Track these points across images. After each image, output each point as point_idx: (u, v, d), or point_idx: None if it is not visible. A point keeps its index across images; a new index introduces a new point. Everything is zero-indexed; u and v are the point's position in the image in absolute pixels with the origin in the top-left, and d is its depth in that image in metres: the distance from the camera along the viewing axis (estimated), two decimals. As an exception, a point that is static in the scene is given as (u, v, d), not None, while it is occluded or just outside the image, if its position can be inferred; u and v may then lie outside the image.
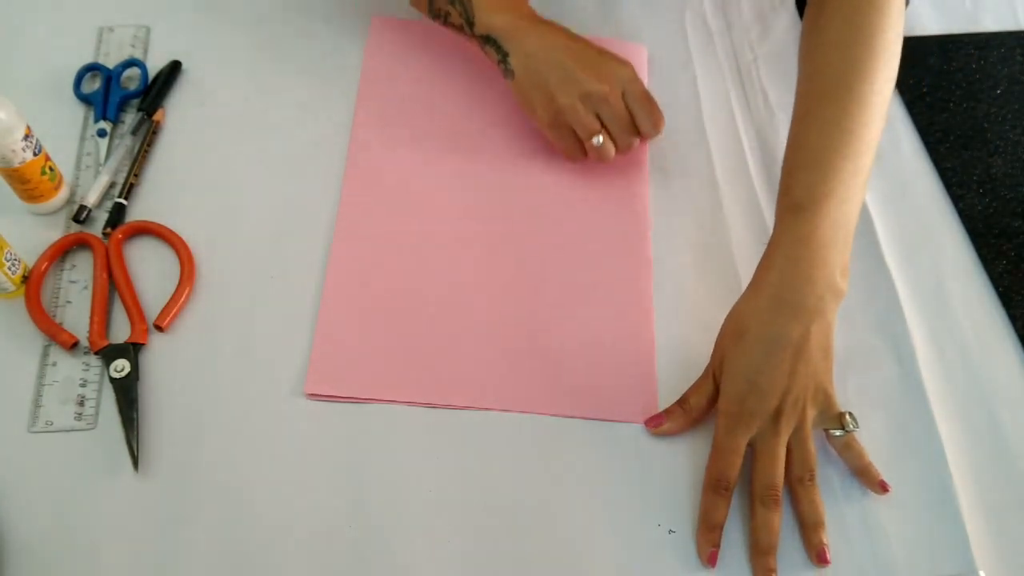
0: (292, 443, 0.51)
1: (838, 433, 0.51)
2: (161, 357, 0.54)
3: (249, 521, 0.48)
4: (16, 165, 0.55)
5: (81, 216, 0.58)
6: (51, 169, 0.57)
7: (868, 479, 0.51)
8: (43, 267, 0.56)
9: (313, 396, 0.52)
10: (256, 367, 0.53)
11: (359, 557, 0.48)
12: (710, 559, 0.48)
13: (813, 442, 0.50)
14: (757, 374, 0.49)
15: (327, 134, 0.64)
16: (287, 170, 0.62)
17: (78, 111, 0.64)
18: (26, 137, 0.54)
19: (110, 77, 0.65)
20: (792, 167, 0.54)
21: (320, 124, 0.64)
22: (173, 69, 0.66)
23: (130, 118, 0.64)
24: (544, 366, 0.54)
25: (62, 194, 0.59)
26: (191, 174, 0.62)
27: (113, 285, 0.56)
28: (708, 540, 0.49)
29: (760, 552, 0.48)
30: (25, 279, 0.55)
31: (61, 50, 0.67)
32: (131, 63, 0.66)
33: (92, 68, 0.66)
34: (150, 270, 0.57)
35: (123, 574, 0.47)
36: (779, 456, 0.50)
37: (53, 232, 0.58)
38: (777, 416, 0.49)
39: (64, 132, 0.63)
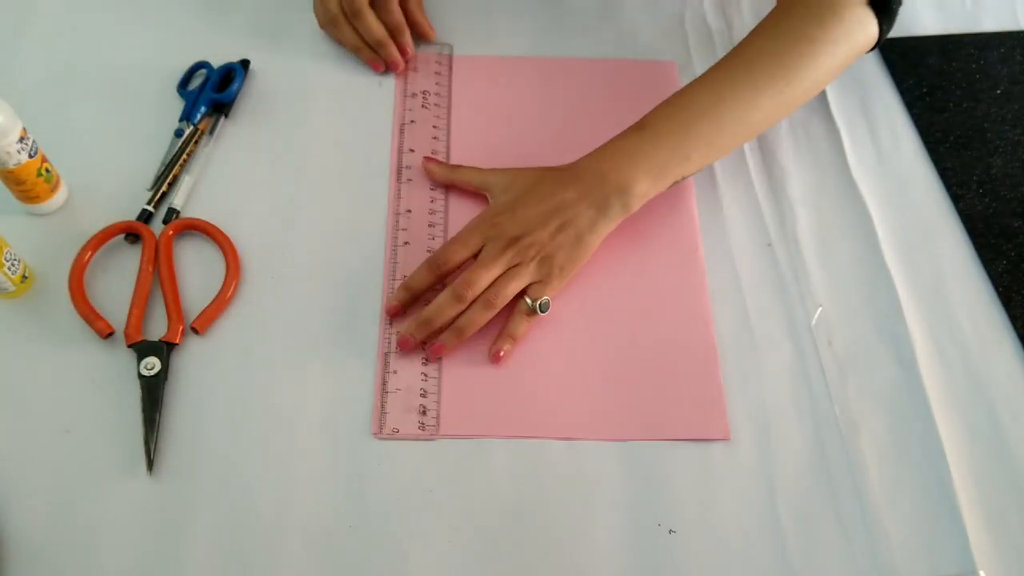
0: (308, 459, 0.51)
1: (528, 304, 0.55)
2: (192, 360, 0.54)
3: (251, 526, 0.48)
4: (11, 167, 0.55)
5: (170, 218, 0.59)
6: (48, 171, 0.57)
7: (495, 341, 0.55)
8: (86, 257, 0.56)
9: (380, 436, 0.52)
10: (282, 383, 0.53)
11: (360, 559, 0.48)
12: (389, 311, 0.56)
13: (513, 289, 0.54)
14: (523, 202, 0.56)
15: (377, 151, 0.64)
16: (340, 184, 0.62)
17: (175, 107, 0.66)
18: (21, 139, 0.54)
19: (208, 79, 0.66)
20: (665, 102, 0.59)
21: (372, 141, 0.65)
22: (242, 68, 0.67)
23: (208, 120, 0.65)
24: (613, 392, 0.54)
25: (59, 196, 0.59)
26: (247, 179, 0.62)
27: (158, 280, 0.56)
28: (398, 296, 0.56)
29: (420, 321, 0.54)
30: (24, 279, 0.55)
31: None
32: (229, 67, 0.67)
33: (200, 67, 0.67)
34: (197, 269, 0.57)
35: (123, 574, 0.47)
36: (488, 270, 0.54)
37: (54, 232, 0.58)
38: (511, 243, 0.54)
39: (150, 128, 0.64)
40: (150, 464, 0.49)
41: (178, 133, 0.63)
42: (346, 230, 0.60)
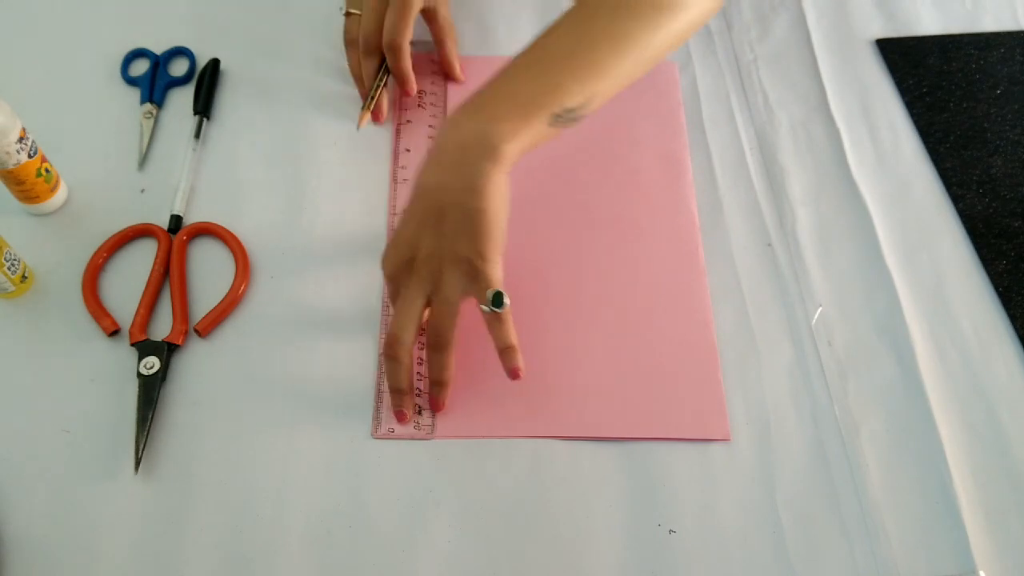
0: (307, 459, 0.51)
1: (485, 309, 0.50)
2: (193, 361, 0.54)
3: (250, 526, 0.48)
4: (11, 167, 0.55)
5: (176, 224, 0.59)
6: (47, 171, 0.57)
7: (504, 361, 0.51)
8: (102, 257, 0.57)
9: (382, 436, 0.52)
10: (282, 385, 0.53)
11: (360, 560, 0.48)
12: (399, 417, 0.52)
13: (452, 311, 0.50)
14: (402, 225, 0.51)
15: (378, 146, 0.65)
16: (340, 187, 0.62)
17: (127, 94, 0.66)
18: (21, 139, 0.54)
19: (157, 63, 0.67)
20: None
21: (371, 136, 0.65)
22: (215, 68, 0.67)
23: (180, 110, 0.66)
24: (613, 392, 0.54)
25: (59, 195, 0.59)
26: (243, 181, 0.62)
27: (168, 282, 0.57)
28: (394, 402, 0.52)
29: (393, 395, 0.51)
30: (24, 279, 0.55)
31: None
32: (179, 51, 0.68)
33: (139, 53, 0.68)
34: (211, 273, 0.58)
35: (123, 574, 0.47)
36: (406, 316, 0.50)
37: (54, 232, 0.58)
38: (409, 271, 0.50)
39: (111, 114, 0.65)
40: (137, 463, 0.49)
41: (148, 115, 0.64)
42: (347, 233, 0.60)
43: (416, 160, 0.63)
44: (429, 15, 0.65)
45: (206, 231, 0.59)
